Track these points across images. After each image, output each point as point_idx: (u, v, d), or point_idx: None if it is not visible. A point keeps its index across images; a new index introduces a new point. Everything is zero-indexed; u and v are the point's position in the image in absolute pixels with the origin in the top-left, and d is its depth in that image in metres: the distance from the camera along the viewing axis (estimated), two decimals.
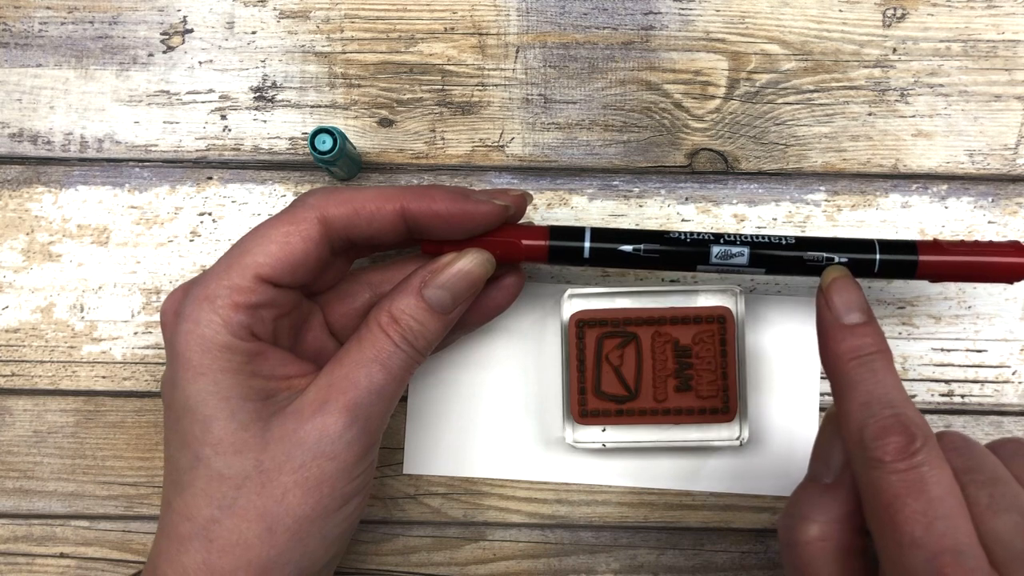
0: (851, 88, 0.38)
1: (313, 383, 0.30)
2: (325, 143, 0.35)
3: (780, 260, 0.32)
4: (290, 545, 0.29)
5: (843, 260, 0.32)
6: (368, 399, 0.30)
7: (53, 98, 0.39)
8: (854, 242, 0.32)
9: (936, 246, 0.32)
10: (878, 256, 0.32)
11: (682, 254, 0.33)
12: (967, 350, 0.38)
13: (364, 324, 0.31)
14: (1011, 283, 0.33)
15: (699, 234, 0.33)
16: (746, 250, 0.32)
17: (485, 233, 0.32)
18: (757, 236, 0.33)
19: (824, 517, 0.28)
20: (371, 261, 0.37)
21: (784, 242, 0.32)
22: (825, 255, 0.32)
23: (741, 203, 0.38)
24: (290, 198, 0.39)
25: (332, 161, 0.36)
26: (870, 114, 0.38)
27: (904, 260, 0.32)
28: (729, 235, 0.33)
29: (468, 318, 0.34)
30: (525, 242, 0.32)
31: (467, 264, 0.32)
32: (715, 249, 0.32)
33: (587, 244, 0.33)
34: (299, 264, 0.30)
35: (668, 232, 0.33)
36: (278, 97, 0.39)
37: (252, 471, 0.29)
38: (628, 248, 0.32)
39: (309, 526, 0.29)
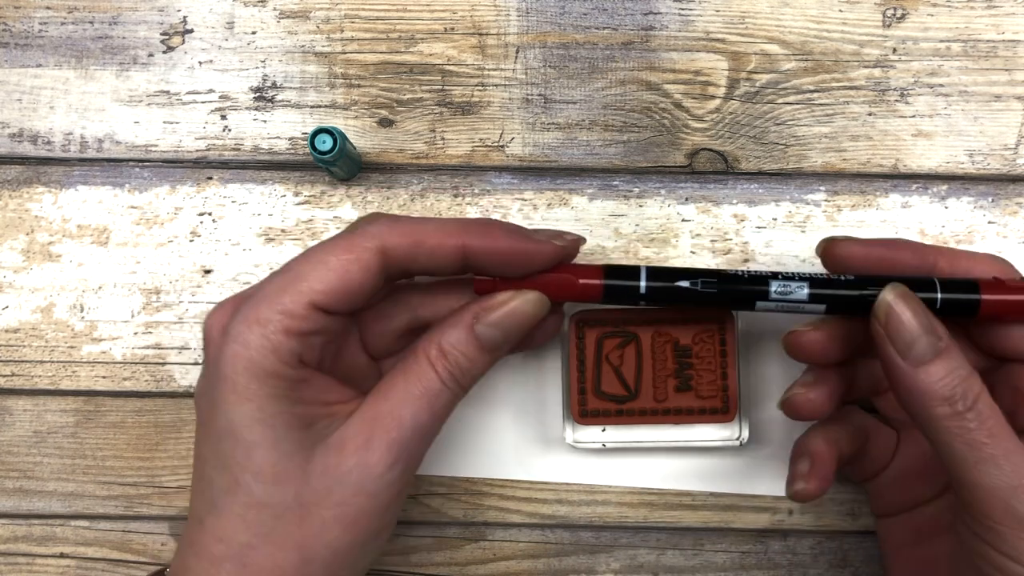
0: (851, 88, 0.38)
1: (358, 414, 0.29)
2: (325, 143, 0.35)
3: (842, 299, 0.31)
4: (323, 575, 0.29)
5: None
6: (412, 438, 0.29)
7: (53, 98, 0.39)
8: (913, 280, 0.31)
9: (999, 285, 0.31)
10: (939, 295, 0.30)
11: (741, 291, 0.32)
12: None
13: (411, 354, 0.30)
14: None
15: (757, 271, 0.32)
16: (805, 285, 0.31)
17: (538, 272, 0.31)
18: (815, 273, 0.32)
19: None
20: (410, 280, 0.36)
21: (843, 279, 0.31)
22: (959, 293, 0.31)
23: (741, 203, 0.38)
24: (290, 198, 0.39)
25: (332, 161, 0.36)
26: (870, 114, 0.38)
27: (966, 299, 0.30)
28: (788, 272, 0.32)
29: None
30: (581, 281, 0.31)
31: (523, 305, 0.31)
32: (774, 285, 0.31)
33: (643, 283, 0.32)
34: (355, 293, 0.29)
35: (725, 270, 0.32)
36: (278, 97, 0.39)
37: (292, 502, 0.28)
38: (685, 283, 0.31)
39: (343, 558, 0.29)
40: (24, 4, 0.40)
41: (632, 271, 0.32)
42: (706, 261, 0.38)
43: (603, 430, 0.37)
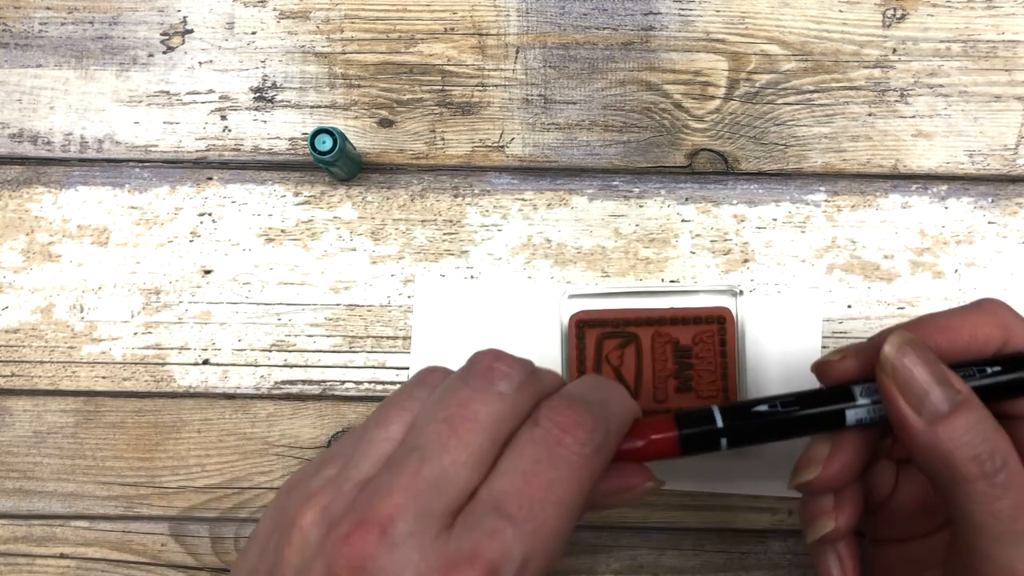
0: (851, 88, 0.38)
1: None
2: (325, 143, 0.35)
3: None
4: None
5: (996, 371, 0.27)
6: None
7: (53, 98, 0.39)
8: (1007, 359, 0.27)
9: None
10: None
11: (824, 403, 0.28)
12: None
13: None
14: None
15: (834, 385, 0.29)
16: None
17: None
18: None
19: None
20: None
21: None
22: (988, 368, 0.27)
23: (741, 203, 0.38)
24: (290, 198, 0.39)
25: (332, 161, 0.36)
26: (870, 114, 0.38)
27: None
28: (869, 379, 0.28)
29: None
30: (654, 436, 0.28)
31: (644, 494, 0.28)
32: (857, 388, 0.28)
33: (719, 424, 0.28)
34: None
35: (798, 391, 0.29)
36: (278, 97, 0.39)
37: None
38: (764, 407, 0.28)
39: None
40: (24, 4, 0.40)
41: (705, 414, 0.28)
42: (706, 261, 0.38)
43: None
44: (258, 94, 0.39)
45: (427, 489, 0.23)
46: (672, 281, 0.38)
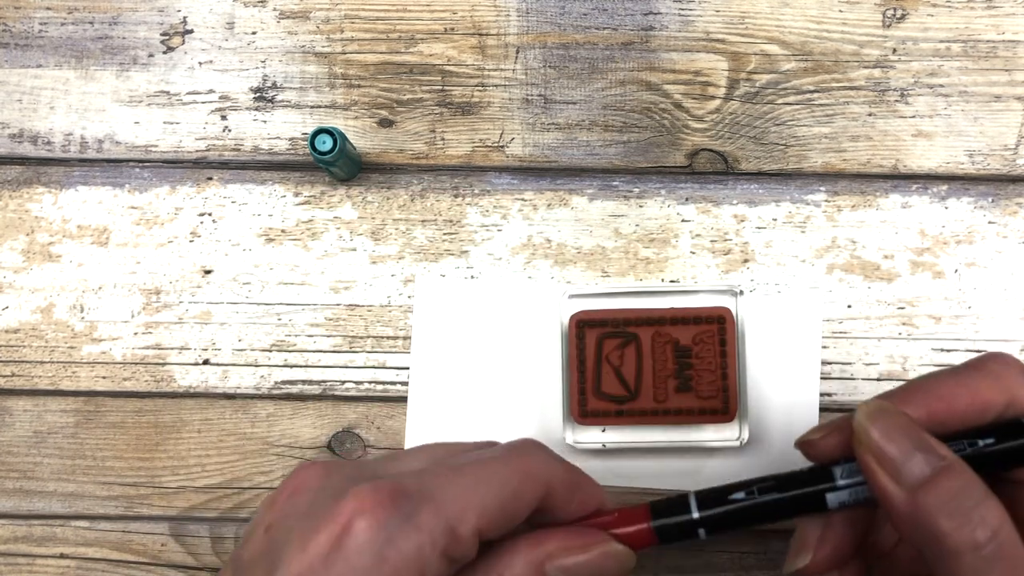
0: (851, 88, 0.38)
1: None
2: (325, 143, 0.35)
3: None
4: None
5: (989, 443, 0.25)
6: None
7: (53, 98, 0.39)
8: (1000, 427, 0.26)
9: None
10: None
11: (804, 486, 0.27)
12: (967, 350, 0.38)
13: None
14: None
15: (814, 465, 0.28)
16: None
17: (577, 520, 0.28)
18: None
19: None
20: None
21: None
22: (967, 442, 0.25)
23: (741, 203, 0.38)
24: (290, 198, 0.39)
25: (332, 161, 0.36)
26: (870, 114, 0.38)
27: None
28: (849, 457, 0.27)
29: None
30: (623, 530, 0.27)
31: (607, 558, 0.26)
32: (838, 470, 0.27)
33: (695, 514, 0.27)
34: (510, 525, 0.26)
35: (778, 474, 0.28)
36: (278, 97, 0.39)
37: None
38: (741, 494, 0.27)
39: None
40: (24, 4, 0.40)
41: (680, 502, 0.28)
42: (706, 261, 0.38)
43: (603, 431, 0.37)
44: (258, 94, 0.39)
45: (376, 459, 0.27)
46: (672, 281, 0.38)
